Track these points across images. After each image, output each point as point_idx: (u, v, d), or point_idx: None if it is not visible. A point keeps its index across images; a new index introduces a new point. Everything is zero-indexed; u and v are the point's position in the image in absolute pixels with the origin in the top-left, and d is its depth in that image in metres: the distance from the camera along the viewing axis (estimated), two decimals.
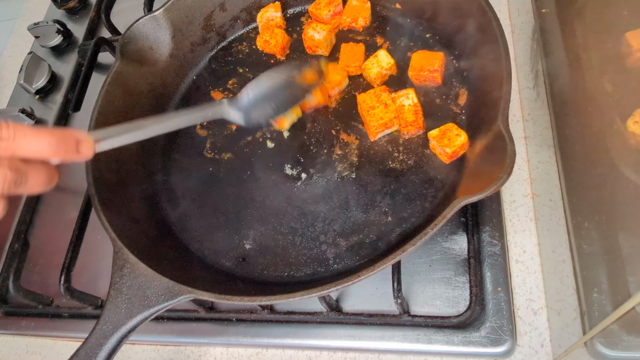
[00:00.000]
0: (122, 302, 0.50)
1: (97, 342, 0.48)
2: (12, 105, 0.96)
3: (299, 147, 0.67)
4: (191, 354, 0.65)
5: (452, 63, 0.66)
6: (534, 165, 0.63)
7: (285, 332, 0.60)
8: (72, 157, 0.42)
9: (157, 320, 0.64)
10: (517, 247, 0.60)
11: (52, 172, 0.41)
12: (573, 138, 0.52)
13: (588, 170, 0.48)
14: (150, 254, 0.56)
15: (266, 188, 0.65)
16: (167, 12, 0.72)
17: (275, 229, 0.62)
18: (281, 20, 0.75)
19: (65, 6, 1.03)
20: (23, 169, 0.38)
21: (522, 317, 0.56)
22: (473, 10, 0.59)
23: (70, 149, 0.41)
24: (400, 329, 0.56)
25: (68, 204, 0.79)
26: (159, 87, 0.75)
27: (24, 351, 0.72)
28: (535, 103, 0.65)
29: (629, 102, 0.42)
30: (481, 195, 0.44)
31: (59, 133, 0.40)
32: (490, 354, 0.54)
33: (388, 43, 0.71)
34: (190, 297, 0.49)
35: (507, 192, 0.64)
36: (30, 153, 0.39)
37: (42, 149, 0.39)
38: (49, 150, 0.39)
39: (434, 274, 0.59)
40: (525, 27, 0.73)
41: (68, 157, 0.41)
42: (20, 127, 0.38)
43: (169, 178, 0.70)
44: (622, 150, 0.42)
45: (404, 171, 0.61)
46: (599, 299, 0.42)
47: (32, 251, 0.77)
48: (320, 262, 0.59)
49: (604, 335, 0.41)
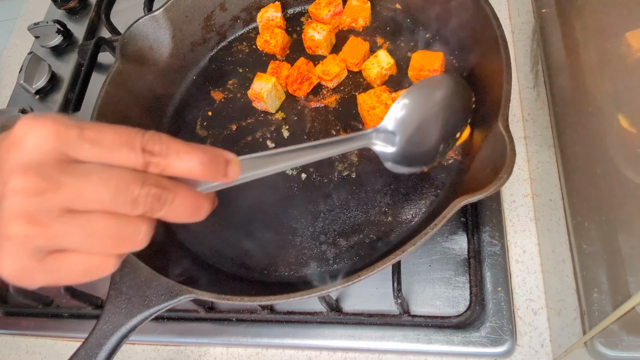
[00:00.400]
0: (122, 302, 0.50)
1: (97, 342, 0.48)
2: (12, 105, 0.96)
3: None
4: (191, 354, 0.65)
5: (452, 63, 0.66)
6: (534, 165, 0.63)
7: (285, 332, 0.60)
8: (219, 179, 0.38)
9: (157, 320, 0.64)
10: (517, 247, 0.60)
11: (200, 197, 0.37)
12: (573, 138, 0.52)
13: (588, 170, 0.48)
14: (150, 254, 0.56)
15: (266, 188, 0.65)
16: (167, 12, 0.72)
17: (275, 229, 0.62)
18: (281, 20, 0.75)
19: (65, 6, 1.03)
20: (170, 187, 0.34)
21: (522, 317, 0.56)
22: (473, 10, 0.59)
23: (219, 170, 0.37)
24: (400, 329, 0.56)
25: None
26: (159, 87, 0.75)
27: (24, 351, 0.72)
28: (535, 103, 0.65)
29: (629, 102, 0.42)
30: (481, 195, 0.44)
31: (210, 152, 0.36)
32: (490, 354, 0.54)
33: (388, 43, 0.71)
34: (190, 297, 0.49)
35: (507, 192, 0.64)
36: (180, 172, 0.34)
37: (193, 167, 0.35)
38: (200, 170, 0.35)
39: (434, 274, 0.59)
40: (525, 27, 0.73)
41: (215, 179, 0.38)
42: (173, 142, 0.34)
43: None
44: (622, 150, 0.42)
45: None
46: (599, 299, 0.42)
47: None
48: (320, 262, 0.59)
49: (604, 335, 0.41)
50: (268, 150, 0.68)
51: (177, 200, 0.34)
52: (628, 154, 0.40)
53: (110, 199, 0.31)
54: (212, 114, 0.74)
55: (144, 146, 0.32)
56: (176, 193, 0.34)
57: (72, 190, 0.30)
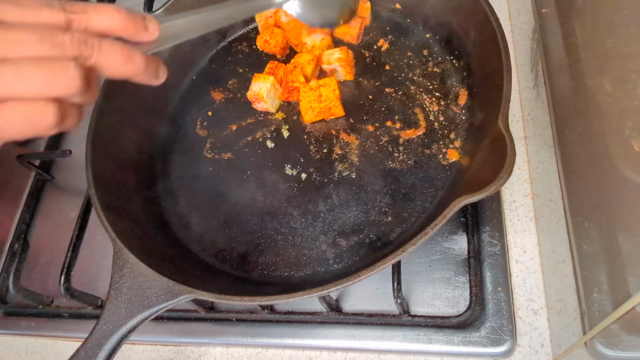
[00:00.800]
0: (122, 302, 0.50)
1: (97, 342, 0.48)
2: None
3: (299, 147, 0.67)
4: (191, 354, 0.65)
5: (452, 63, 0.66)
6: (534, 165, 0.63)
7: (285, 332, 0.60)
8: (141, 34, 0.40)
9: (157, 320, 0.64)
10: (517, 247, 0.60)
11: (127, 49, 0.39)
12: (573, 138, 0.52)
13: (588, 170, 0.48)
14: (150, 254, 0.56)
15: (266, 188, 0.65)
16: (167, 12, 0.72)
17: (275, 229, 0.62)
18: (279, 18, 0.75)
19: None
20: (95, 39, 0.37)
21: (522, 317, 0.56)
22: (473, 10, 0.59)
23: (139, 24, 0.40)
24: (400, 329, 0.56)
25: (68, 204, 0.79)
26: (159, 86, 0.74)
27: (24, 351, 0.72)
28: (535, 103, 0.65)
29: (629, 102, 0.42)
30: (481, 195, 0.44)
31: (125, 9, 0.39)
32: (490, 354, 0.54)
33: (388, 43, 0.71)
34: (190, 297, 0.49)
35: (507, 192, 0.64)
36: (102, 26, 0.38)
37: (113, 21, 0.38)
38: (121, 24, 0.38)
39: (434, 274, 0.59)
40: (525, 27, 0.73)
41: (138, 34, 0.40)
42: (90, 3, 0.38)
43: (169, 178, 0.70)
44: (622, 150, 0.42)
45: (404, 171, 0.61)
46: (599, 299, 0.42)
47: (32, 251, 0.77)
48: (320, 262, 0.59)
49: (604, 335, 0.41)
50: (260, 150, 0.69)
51: (105, 46, 0.37)
52: (628, 154, 0.40)
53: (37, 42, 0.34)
54: (212, 114, 0.74)
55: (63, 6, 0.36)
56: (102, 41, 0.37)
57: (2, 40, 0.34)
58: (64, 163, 0.84)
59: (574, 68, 0.53)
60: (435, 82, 0.66)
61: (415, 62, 0.69)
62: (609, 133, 0.44)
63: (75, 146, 0.84)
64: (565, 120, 0.54)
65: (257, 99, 0.69)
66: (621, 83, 0.42)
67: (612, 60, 0.45)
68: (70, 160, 0.80)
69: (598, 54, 0.48)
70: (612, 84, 0.44)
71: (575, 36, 0.53)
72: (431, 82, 0.67)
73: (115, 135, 0.67)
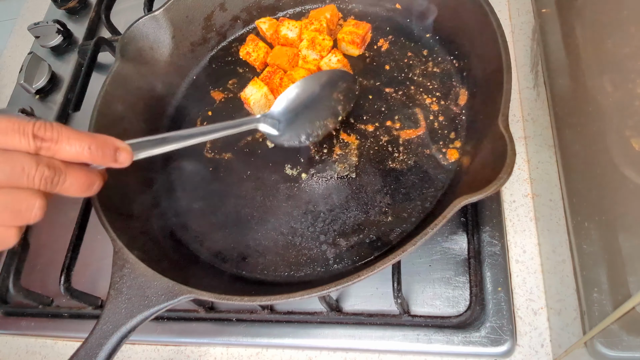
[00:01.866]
0: (122, 302, 0.50)
1: (97, 342, 0.48)
2: (12, 105, 0.96)
3: (299, 147, 0.67)
4: (191, 354, 0.65)
5: (452, 63, 0.66)
6: (534, 165, 0.63)
7: (285, 332, 0.60)
8: (110, 163, 0.44)
9: (157, 320, 0.64)
10: (517, 247, 0.60)
11: (92, 176, 0.43)
12: (573, 138, 0.52)
13: (588, 170, 0.48)
14: (150, 253, 0.56)
15: (266, 188, 0.65)
16: (167, 12, 0.72)
17: (275, 229, 0.62)
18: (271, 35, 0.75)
19: (65, 6, 1.03)
20: (62, 169, 0.40)
21: (522, 317, 0.56)
22: (473, 10, 0.59)
23: (108, 156, 0.43)
24: (400, 329, 0.56)
25: (68, 204, 0.79)
26: (159, 87, 0.75)
27: (24, 351, 0.72)
28: (535, 103, 0.65)
29: (629, 102, 0.42)
30: (481, 195, 0.44)
31: (99, 139, 0.42)
32: (490, 354, 0.54)
33: (388, 43, 0.71)
34: (190, 297, 0.49)
35: (507, 192, 0.64)
36: (70, 156, 0.41)
37: (82, 152, 0.41)
38: (89, 155, 0.41)
39: (434, 274, 0.59)
40: (525, 27, 0.73)
41: (105, 163, 0.44)
42: (64, 129, 0.40)
43: (169, 178, 0.70)
44: (622, 150, 0.42)
45: (404, 171, 0.61)
46: (599, 299, 0.42)
47: (32, 251, 0.77)
48: (320, 262, 0.59)
49: (604, 335, 0.41)
50: (260, 150, 0.69)
51: (69, 180, 0.41)
52: (628, 154, 0.40)
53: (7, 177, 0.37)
54: (212, 114, 0.74)
55: (35, 133, 0.38)
56: (68, 173, 0.41)
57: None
58: None
59: (574, 68, 0.53)
60: (435, 82, 0.66)
61: (415, 62, 0.69)
62: (609, 133, 0.44)
63: None
64: (565, 120, 0.54)
65: (246, 103, 0.69)
66: (621, 83, 0.42)
67: (612, 60, 0.45)
68: None
69: (598, 54, 0.48)
70: (612, 84, 0.44)
71: (575, 36, 0.53)
72: (431, 82, 0.67)
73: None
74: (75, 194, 0.42)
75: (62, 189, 0.41)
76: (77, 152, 0.41)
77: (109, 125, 0.66)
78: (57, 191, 0.41)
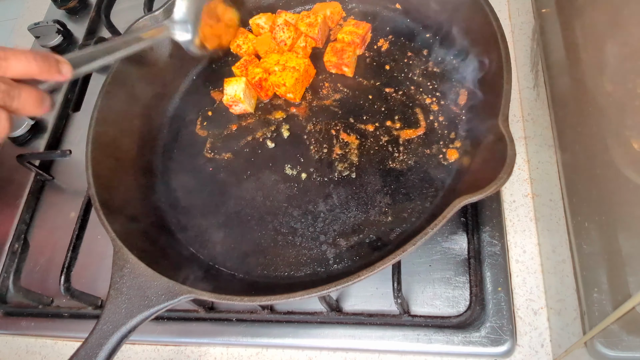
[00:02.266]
0: (122, 302, 0.50)
1: (97, 342, 0.48)
2: None
3: (299, 147, 0.67)
4: (191, 354, 0.65)
5: (452, 63, 0.66)
6: (534, 165, 0.63)
7: (285, 332, 0.60)
8: (55, 76, 0.48)
9: (157, 320, 0.64)
10: (517, 247, 0.60)
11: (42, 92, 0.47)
12: (573, 138, 0.52)
13: (588, 170, 0.48)
14: (150, 254, 0.56)
15: (266, 188, 0.65)
16: (167, 12, 0.72)
17: (275, 229, 0.62)
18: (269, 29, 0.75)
19: (65, 6, 1.03)
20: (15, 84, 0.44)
21: (522, 317, 0.56)
22: (473, 10, 0.59)
23: (53, 67, 0.47)
24: (400, 329, 0.56)
25: (68, 204, 0.79)
26: (159, 87, 0.75)
27: (24, 351, 0.72)
28: (535, 103, 0.65)
29: (629, 102, 0.42)
30: (481, 195, 0.44)
31: (42, 53, 0.46)
32: (490, 354, 0.54)
33: (388, 43, 0.71)
34: (190, 297, 0.49)
35: (507, 192, 0.64)
36: (20, 71, 0.44)
37: (29, 66, 0.45)
38: (36, 67, 0.45)
39: (434, 274, 0.59)
40: (525, 27, 0.73)
41: (52, 76, 0.47)
42: (9, 48, 0.44)
43: (169, 178, 0.71)
44: (622, 150, 0.41)
45: (404, 171, 0.61)
46: (599, 299, 0.42)
47: (32, 251, 0.77)
48: (320, 262, 0.59)
49: (604, 335, 0.41)
50: (260, 150, 0.69)
51: (24, 94, 0.45)
52: (628, 154, 0.40)
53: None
54: (212, 114, 0.74)
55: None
56: (21, 89, 0.45)
57: None
58: (64, 163, 0.84)
59: (574, 68, 0.53)
60: (435, 82, 0.66)
61: (415, 62, 0.69)
62: (609, 133, 0.44)
63: (75, 146, 0.85)
64: (565, 120, 0.54)
65: (234, 102, 0.69)
66: (621, 83, 0.42)
67: (612, 60, 0.45)
68: (70, 160, 0.80)
69: (598, 54, 0.48)
70: (612, 84, 0.44)
71: (575, 36, 0.53)
72: (431, 82, 0.67)
73: (115, 136, 0.67)
74: (31, 110, 0.46)
75: (19, 103, 0.44)
76: (25, 66, 0.44)
77: (108, 126, 0.66)
78: (15, 107, 0.44)
